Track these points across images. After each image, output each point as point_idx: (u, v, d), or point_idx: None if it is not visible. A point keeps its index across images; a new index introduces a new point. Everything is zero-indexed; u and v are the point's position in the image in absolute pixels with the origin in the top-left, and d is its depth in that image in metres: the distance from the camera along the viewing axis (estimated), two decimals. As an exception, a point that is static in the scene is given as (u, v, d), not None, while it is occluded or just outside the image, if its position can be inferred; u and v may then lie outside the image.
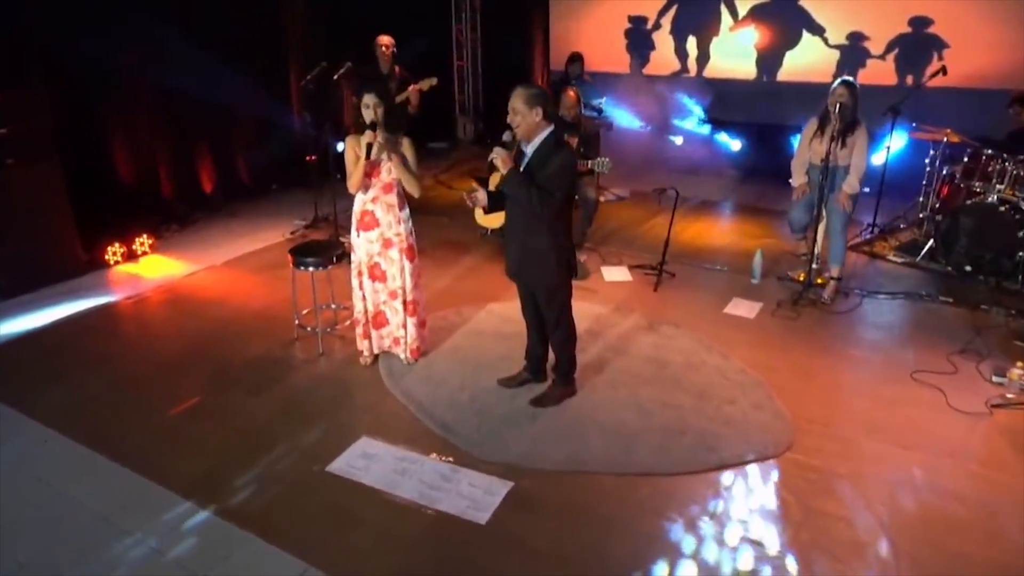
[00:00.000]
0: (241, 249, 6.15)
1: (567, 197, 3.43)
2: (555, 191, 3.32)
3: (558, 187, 3.32)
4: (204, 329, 4.72)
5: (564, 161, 3.34)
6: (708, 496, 3.19)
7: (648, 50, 8.75)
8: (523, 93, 3.33)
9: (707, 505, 3.13)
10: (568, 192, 3.42)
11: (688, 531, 2.99)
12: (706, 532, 2.98)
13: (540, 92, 3.35)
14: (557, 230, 3.45)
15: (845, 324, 4.81)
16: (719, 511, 3.09)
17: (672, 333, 4.62)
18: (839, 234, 5.04)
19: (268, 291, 5.28)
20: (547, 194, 3.31)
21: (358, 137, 3.85)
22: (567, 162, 3.36)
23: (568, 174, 3.37)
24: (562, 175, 3.33)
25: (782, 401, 3.85)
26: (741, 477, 3.31)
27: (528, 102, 3.31)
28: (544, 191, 3.31)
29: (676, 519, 3.04)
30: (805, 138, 5.15)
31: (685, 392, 3.94)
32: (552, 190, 3.31)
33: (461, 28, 9.84)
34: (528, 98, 3.31)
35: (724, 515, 3.07)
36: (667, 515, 3.07)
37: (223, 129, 7.19)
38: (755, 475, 3.32)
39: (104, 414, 3.80)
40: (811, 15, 7.73)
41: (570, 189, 3.43)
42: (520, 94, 3.33)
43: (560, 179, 3.32)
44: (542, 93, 3.35)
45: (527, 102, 3.31)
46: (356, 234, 4.00)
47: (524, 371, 4.00)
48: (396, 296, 4.10)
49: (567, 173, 3.36)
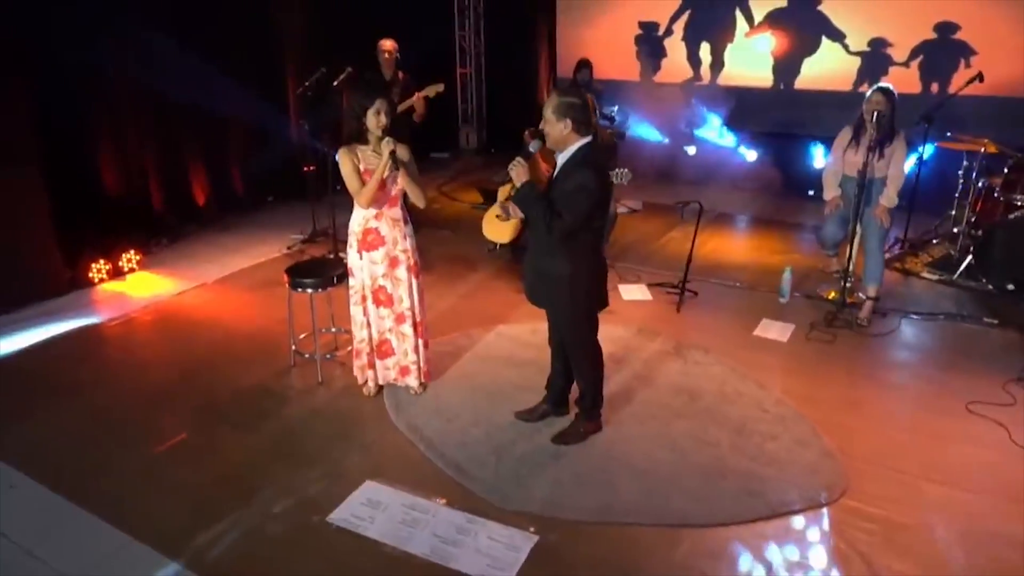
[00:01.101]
0: (235, 265, 5.79)
1: (586, 221, 3.01)
2: (565, 213, 2.95)
3: (570, 209, 2.95)
4: (193, 355, 4.35)
5: (582, 182, 2.95)
6: (757, 550, 2.82)
7: (659, 57, 8.43)
8: (554, 100, 2.99)
9: (757, 561, 2.76)
10: (584, 216, 2.98)
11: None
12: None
13: (574, 102, 2.97)
14: (576, 255, 3.09)
15: (885, 348, 4.47)
16: (771, 569, 2.73)
17: (701, 359, 4.26)
18: (876, 251, 4.70)
19: (263, 311, 4.92)
20: (557, 215, 2.95)
21: (355, 148, 3.51)
22: (586, 183, 2.95)
23: (585, 196, 2.95)
24: (576, 196, 2.95)
25: (828, 437, 3.50)
26: (793, 527, 2.95)
27: (557, 111, 2.97)
28: (555, 211, 2.95)
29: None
30: (838, 148, 4.82)
31: (721, 427, 3.58)
32: (564, 212, 2.95)
33: (464, 34, 9.53)
34: (558, 106, 2.97)
35: (777, 574, 2.71)
36: (713, 574, 2.70)
37: (216, 137, 6.83)
38: (808, 525, 2.96)
39: (79, 454, 3.42)
40: (831, 20, 7.42)
41: (589, 213, 2.99)
42: (551, 100, 3.00)
43: (573, 200, 2.95)
44: (576, 103, 2.97)
45: (556, 110, 2.97)
46: (358, 256, 3.64)
47: (544, 403, 3.64)
48: (404, 319, 3.74)
49: (584, 195, 2.94)
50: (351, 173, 3.48)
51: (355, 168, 3.48)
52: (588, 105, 2.98)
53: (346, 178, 3.50)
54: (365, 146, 3.52)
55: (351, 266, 3.68)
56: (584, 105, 2.97)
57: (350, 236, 3.65)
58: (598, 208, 3.02)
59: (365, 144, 3.52)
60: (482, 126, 9.93)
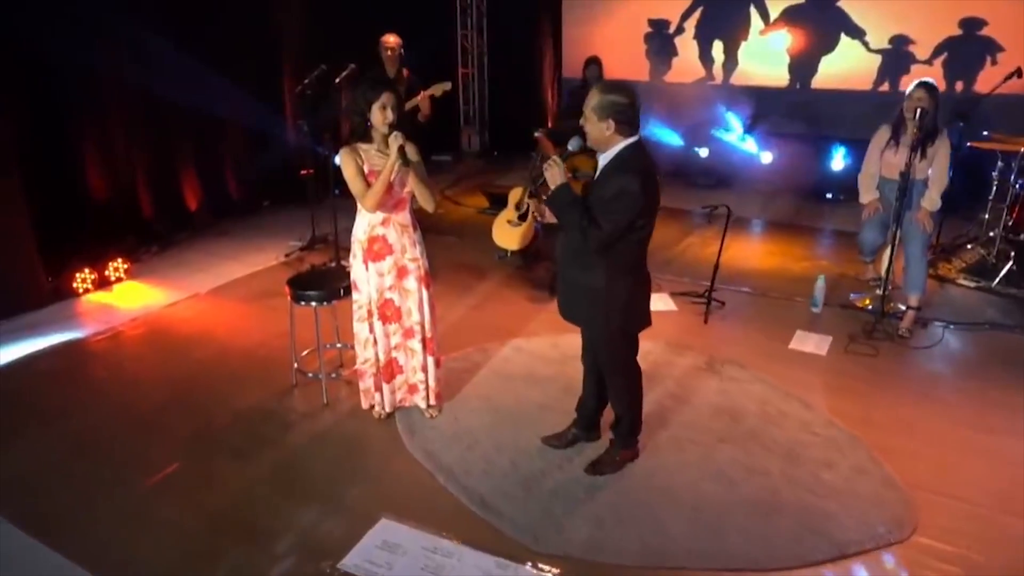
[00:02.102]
0: (230, 274, 5.43)
1: (627, 231, 2.67)
2: (602, 221, 2.62)
3: (607, 217, 2.62)
4: (186, 373, 4.00)
5: (624, 187, 2.60)
6: (827, 599, 2.51)
7: (670, 56, 8.15)
8: (595, 97, 2.66)
9: (829, 613, 2.45)
10: (624, 225, 2.65)
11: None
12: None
13: (618, 100, 2.63)
14: (614, 267, 2.76)
15: (932, 362, 4.16)
16: (847, 622, 2.41)
17: (737, 375, 3.95)
18: (919, 258, 4.40)
19: (261, 325, 4.57)
20: (595, 224, 2.62)
21: (358, 148, 3.17)
22: (627, 188, 2.60)
23: (627, 203, 2.61)
24: (616, 203, 2.61)
25: (887, 463, 3.18)
26: (865, 571, 2.63)
27: (599, 109, 2.64)
28: (593, 219, 2.63)
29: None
30: (875, 148, 4.53)
31: (769, 452, 3.26)
32: (603, 220, 2.62)
33: (467, 33, 9.21)
34: (600, 105, 2.64)
35: (855, 628, 2.39)
36: (782, 630, 2.39)
37: (209, 139, 6.48)
38: (881, 568, 2.64)
39: (58, 490, 3.07)
40: (850, 17, 7.15)
41: (630, 222, 2.65)
42: (592, 97, 2.67)
43: (612, 207, 2.61)
44: (620, 102, 2.63)
45: (597, 109, 2.64)
46: (363, 266, 3.29)
47: (574, 427, 3.31)
48: (413, 334, 3.40)
49: (625, 202, 2.60)
50: (355, 175, 3.14)
51: (359, 169, 3.14)
52: (635, 104, 2.66)
53: (349, 180, 3.17)
54: (369, 145, 3.19)
55: (355, 279, 3.34)
56: (631, 104, 2.64)
57: (354, 245, 3.31)
58: (642, 216, 2.68)
59: (369, 143, 3.20)
60: (484, 128, 9.62)
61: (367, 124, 3.16)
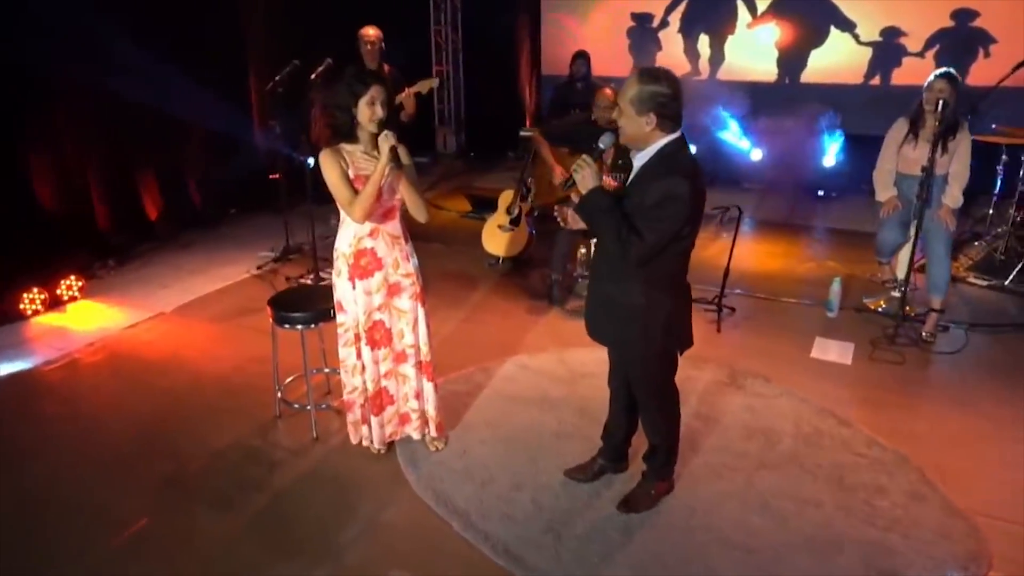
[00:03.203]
0: (197, 290, 4.96)
1: (671, 241, 2.33)
2: (648, 231, 2.27)
3: (651, 225, 2.27)
4: (153, 407, 3.54)
5: (670, 191, 2.25)
6: (909, 654, 2.20)
7: (654, 51, 7.88)
8: (634, 87, 2.30)
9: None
10: (671, 235, 2.31)
11: None
12: None
13: (660, 91, 2.28)
14: (654, 282, 2.42)
15: (963, 368, 3.93)
16: None
17: (763, 390, 3.65)
18: (944, 258, 4.17)
19: (235, 347, 4.13)
20: (636, 233, 2.27)
21: (341, 149, 2.79)
22: (675, 192, 2.25)
23: (675, 210, 2.27)
24: (660, 210, 2.26)
25: (943, 486, 2.91)
26: (944, 618, 2.34)
27: (638, 102, 2.29)
28: (633, 228, 2.28)
29: None
30: (892, 143, 4.29)
31: (814, 478, 2.96)
32: (645, 229, 2.27)
33: (440, 29, 8.82)
34: (639, 97, 2.29)
35: None
36: None
37: (170, 143, 5.98)
38: (961, 613, 2.36)
39: (6, 553, 2.61)
40: (840, 9, 6.97)
41: (677, 231, 2.32)
42: (630, 88, 2.31)
43: (657, 215, 2.26)
44: (664, 92, 2.28)
45: (636, 101, 2.29)
46: (349, 284, 2.90)
47: (600, 457, 2.96)
48: (405, 358, 3.02)
49: (673, 208, 2.26)
50: (339, 180, 2.75)
51: (343, 173, 2.75)
52: (679, 95, 2.32)
53: (333, 187, 2.77)
54: (354, 146, 2.81)
55: (340, 298, 2.93)
56: (675, 95, 2.30)
57: (338, 260, 2.91)
58: (688, 224, 2.35)
59: (354, 143, 2.81)
60: (461, 128, 9.23)
61: (353, 122, 2.77)
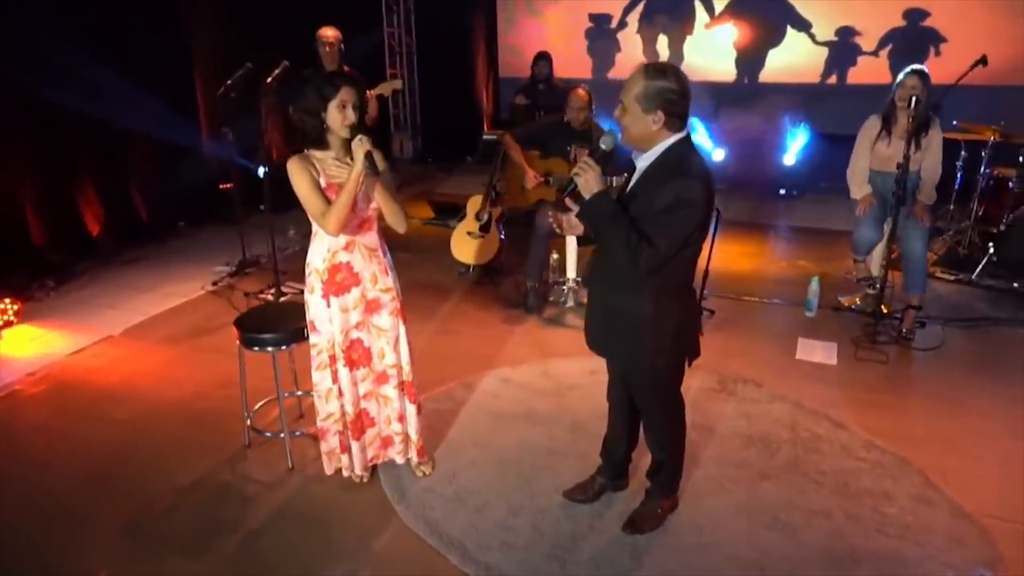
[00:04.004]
0: (147, 310, 4.62)
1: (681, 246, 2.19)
2: (660, 238, 2.13)
3: (664, 231, 2.13)
4: (107, 442, 3.23)
5: (681, 195, 2.11)
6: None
7: (613, 52, 7.82)
8: (639, 83, 2.14)
9: None
10: (683, 241, 2.18)
11: None
12: None
13: (668, 87, 2.13)
14: (664, 290, 2.29)
15: (945, 364, 3.93)
16: None
17: (755, 395, 3.56)
18: (921, 255, 4.18)
19: (194, 371, 3.83)
20: (646, 240, 2.13)
21: (311, 156, 2.58)
22: (686, 196, 2.12)
23: (687, 215, 2.14)
24: (671, 215, 2.12)
25: (947, 488, 2.86)
26: (970, 629, 2.26)
27: (645, 98, 2.14)
28: (643, 234, 2.14)
29: None
30: (865, 140, 4.29)
31: (818, 486, 2.87)
32: (656, 235, 2.13)
33: (394, 32, 8.58)
34: (646, 94, 2.13)
35: None
36: None
37: (112, 153, 5.59)
38: (985, 622, 2.28)
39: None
40: (796, 9, 7.03)
41: (688, 237, 2.18)
42: (636, 84, 2.15)
43: (668, 220, 2.12)
44: (672, 88, 2.13)
45: (643, 98, 2.14)
46: (323, 302, 2.68)
47: (599, 475, 2.81)
48: (387, 379, 2.82)
49: (685, 213, 2.13)
50: (310, 190, 2.54)
51: (315, 183, 2.54)
52: (688, 92, 2.18)
53: (303, 198, 2.56)
54: (324, 153, 2.60)
55: (313, 317, 2.71)
56: (683, 92, 2.16)
57: (310, 276, 2.69)
58: (699, 229, 2.22)
59: (324, 149, 2.60)
60: (417, 133, 9.01)
61: (323, 127, 2.56)
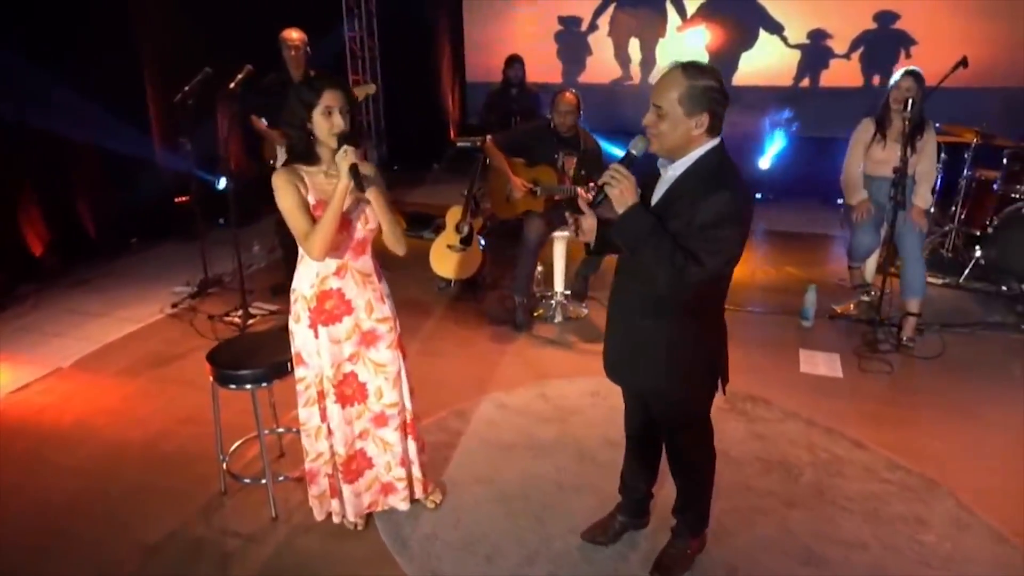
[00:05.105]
0: (100, 337, 4.22)
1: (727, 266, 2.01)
2: (707, 255, 1.90)
3: (711, 248, 1.90)
4: (59, 495, 2.86)
5: (724, 210, 1.89)
6: None
7: (583, 55, 7.65)
8: (680, 83, 1.90)
9: None
10: (729, 258, 1.98)
11: None
12: None
13: (712, 86, 1.91)
14: (700, 313, 2.09)
15: (951, 373, 3.82)
16: None
17: (765, 414, 3.39)
18: (918, 260, 4.08)
19: (158, 407, 3.47)
20: (691, 258, 1.90)
21: (298, 169, 2.31)
22: (734, 213, 1.90)
23: (731, 232, 1.92)
24: (720, 230, 1.90)
25: (980, 510, 2.72)
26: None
27: (686, 101, 1.91)
28: (687, 251, 1.90)
29: None
30: (859, 145, 4.18)
31: (849, 514, 2.70)
32: (703, 253, 1.90)
33: (355, 36, 8.25)
34: (689, 94, 1.90)
35: None
36: None
37: (54, 166, 5.16)
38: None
39: None
40: (768, 12, 6.97)
41: (733, 256, 1.99)
42: (674, 83, 1.91)
43: (715, 235, 1.90)
44: (716, 88, 1.92)
45: (687, 99, 1.91)
46: (310, 332, 2.40)
47: (620, 514, 2.58)
48: (386, 421, 2.55)
49: (728, 230, 1.91)
50: (295, 207, 2.26)
51: (301, 200, 2.27)
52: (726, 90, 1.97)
53: (287, 215, 2.28)
54: (315, 167, 2.33)
55: (299, 349, 2.43)
56: (725, 92, 1.95)
57: (296, 304, 2.41)
58: (741, 246, 2.01)
59: (315, 164, 2.33)
60: (382, 140, 8.68)
61: (309, 139, 2.29)
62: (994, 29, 6.23)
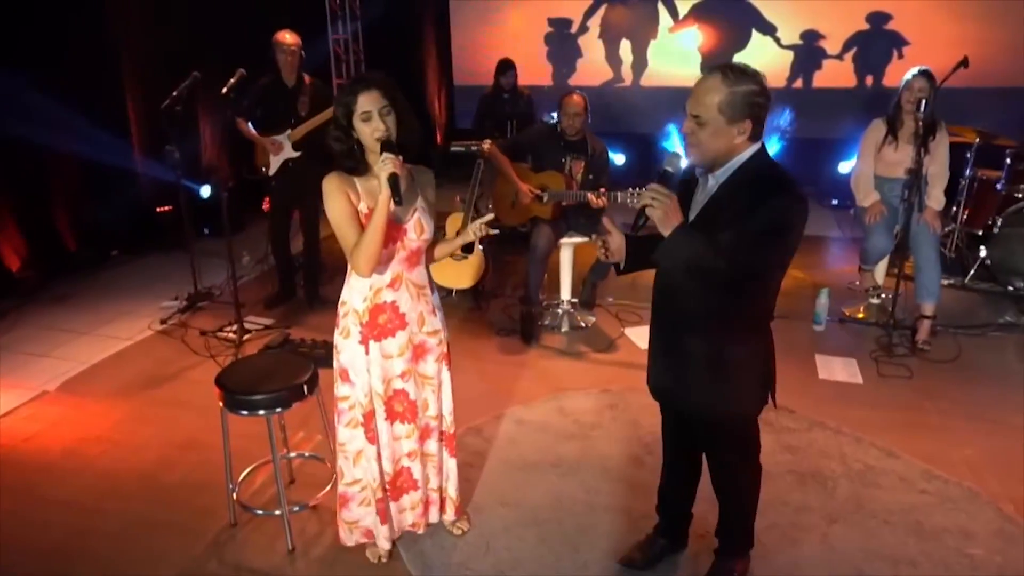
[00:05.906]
0: (86, 358, 4.00)
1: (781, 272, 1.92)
2: (763, 266, 1.82)
3: (768, 258, 1.82)
4: (52, 533, 2.65)
5: (778, 217, 1.79)
6: None
7: (574, 57, 7.55)
8: (721, 88, 1.78)
9: None
10: (784, 266, 1.90)
11: None
12: None
13: (754, 90, 1.79)
14: (751, 327, 1.99)
15: (971, 377, 3.76)
16: None
17: (791, 423, 3.29)
18: (934, 262, 4.03)
19: (154, 432, 3.27)
20: (746, 271, 1.79)
21: (348, 177, 2.15)
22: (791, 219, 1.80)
23: (788, 241, 1.83)
24: (772, 239, 1.80)
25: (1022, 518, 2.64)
26: None
27: (728, 107, 1.79)
28: (740, 264, 1.78)
29: None
30: (870, 146, 4.12)
31: (892, 528, 2.60)
32: (757, 263, 1.80)
33: (339, 39, 8.05)
34: (731, 101, 1.78)
35: None
36: None
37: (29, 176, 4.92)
38: None
39: None
40: (761, 12, 6.93)
41: (787, 260, 1.90)
42: (715, 89, 1.79)
43: (772, 243, 1.80)
44: (759, 92, 1.80)
45: (726, 107, 1.79)
46: (360, 348, 2.24)
47: (659, 536, 2.46)
48: (430, 433, 2.42)
49: (787, 238, 1.82)
50: (342, 216, 2.12)
51: (351, 210, 2.12)
52: (769, 92, 1.86)
53: (336, 225, 2.14)
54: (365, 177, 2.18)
55: (347, 365, 2.26)
56: (768, 95, 1.83)
57: (346, 318, 2.24)
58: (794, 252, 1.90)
59: (363, 174, 2.18)
60: (368, 146, 8.48)
61: (355, 146, 2.13)
62: (986, 30, 6.24)
